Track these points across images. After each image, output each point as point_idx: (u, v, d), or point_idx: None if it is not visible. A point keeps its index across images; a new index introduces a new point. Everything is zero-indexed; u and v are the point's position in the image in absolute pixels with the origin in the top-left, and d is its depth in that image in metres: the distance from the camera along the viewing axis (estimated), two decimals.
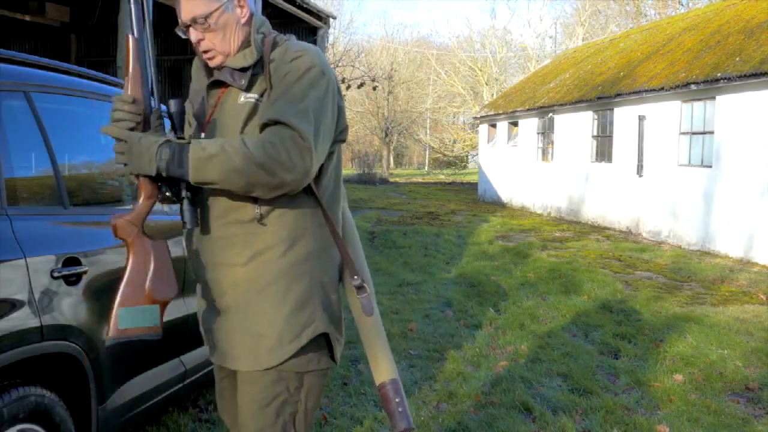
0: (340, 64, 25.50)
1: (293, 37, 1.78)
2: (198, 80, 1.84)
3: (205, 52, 1.73)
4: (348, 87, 22.52)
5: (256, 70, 1.72)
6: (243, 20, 1.73)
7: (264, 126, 1.62)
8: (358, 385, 4.08)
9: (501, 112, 19.06)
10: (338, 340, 1.82)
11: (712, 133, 10.34)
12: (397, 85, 38.30)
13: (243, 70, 1.71)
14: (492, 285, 7.17)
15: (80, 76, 2.93)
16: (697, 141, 10.84)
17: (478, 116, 21.69)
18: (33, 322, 2.10)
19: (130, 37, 1.62)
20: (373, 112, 39.17)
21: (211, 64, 1.75)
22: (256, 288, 1.70)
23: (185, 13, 1.70)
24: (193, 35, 1.71)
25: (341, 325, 1.84)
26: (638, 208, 12.38)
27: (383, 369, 1.82)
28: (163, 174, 1.57)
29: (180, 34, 1.74)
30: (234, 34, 1.71)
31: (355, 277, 1.80)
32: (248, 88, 1.71)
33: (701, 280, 7.84)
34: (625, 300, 6.51)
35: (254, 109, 1.68)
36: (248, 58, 1.70)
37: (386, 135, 38.71)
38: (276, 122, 1.59)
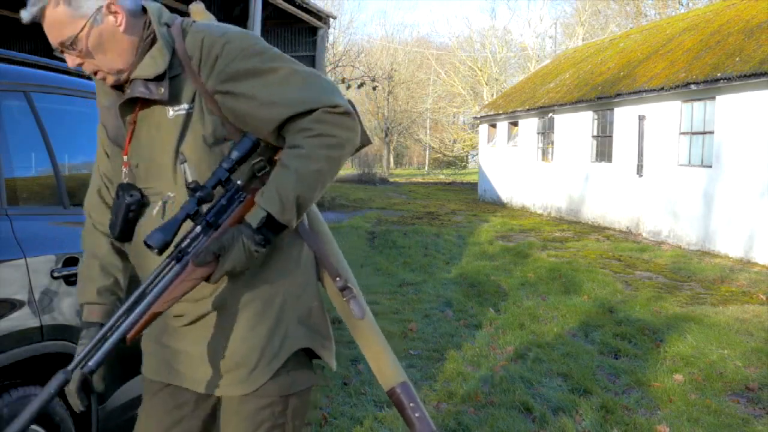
0: (340, 64, 25.51)
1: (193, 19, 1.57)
2: (105, 95, 1.56)
3: (94, 73, 1.47)
4: (348, 87, 22.54)
5: (175, 71, 1.46)
6: (121, 28, 1.42)
7: (283, 127, 1.45)
8: (358, 385, 4.08)
9: (501, 112, 19.06)
10: (325, 347, 1.66)
11: (712, 133, 10.35)
12: (397, 85, 38.32)
13: (158, 78, 1.44)
14: (492, 285, 7.17)
15: (80, 76, 2.93)
16: (697, 141, 10.84)
17: (478, 116, 21.69)
18: (33, 322, 2.10)
19: None
20: (373, 112, 39.19)
21: (106, 84, 1.50)
22: (226, 311, 1.54)
23: (51, 39, 1.42)
24: (70, 60, 1.44)
25: (326, 331, 1.67)
26: (638, 208, 12.38)
27: (388, 373, 1.68)
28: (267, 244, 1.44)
29: (58, 56, 1.51)
30: (116, 46, 1.43)
31: (337, 279, 1.65)
32: (173, 97, 1.45)
33: (701, 280, 7.84)
34: (625, 300, 6.51)
35: (187, 121, 1.46)
36: (159, 61, 1.43)
37: (386, 135, 38.73)
38: (294, 117, 1.43)
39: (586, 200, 14.38)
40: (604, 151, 13.85)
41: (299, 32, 16.56)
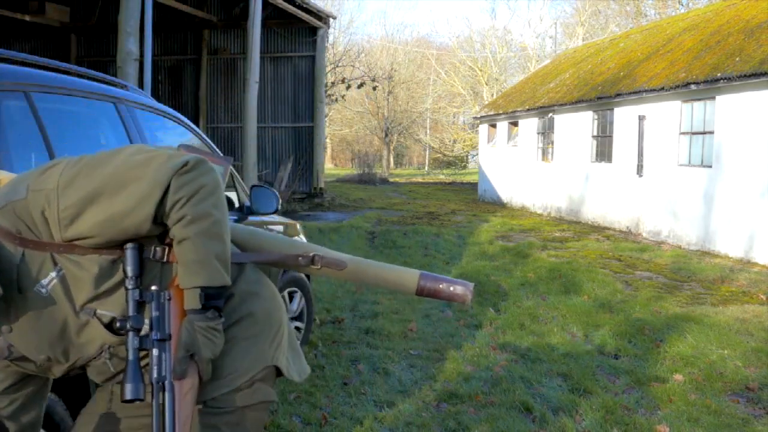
0: (340, 64, 25.51)
1: None
2: None
3: None
4: (348, 87, 22.54)
5: (13, 258, 1.36)
6: None
7: (156, 216, 1.38)
8: (358, 385, 4.08)
9: (501, 112, 19.06)
10: (286, 367, 1.66)
11: (712, 133, 10.34)
12: (397, 85, 38.31)
13: None
14: (492, 285, 7.17)
15: (80, 76, 2.93)
16: (697, 141, 10.84)
17: (478, 116, 21.69)
18: None
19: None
20: (373, 112, 39.19)
21: None
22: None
23: None
24: None
25: (284, 348, 1.68)
26: (638, 208, 12.38)
27: (404, 279, 1.74)
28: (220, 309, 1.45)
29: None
30: None
31: (300, 258, 1.68)
32: (32, 280, 1.37)
33: (701, 280, 7.84)
34: (625, 300, 6.51)
35: (65, 283, 1.40)
36: None
37: (386, 135, 38.73)
38: (157, 203, 1.37)
39: (586, 200, 14.38)
40: (604, 151, 13.85)
41: (299, 32, 16.57)
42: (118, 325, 1.38)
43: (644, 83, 11.99)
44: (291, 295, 4.48)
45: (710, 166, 10.35)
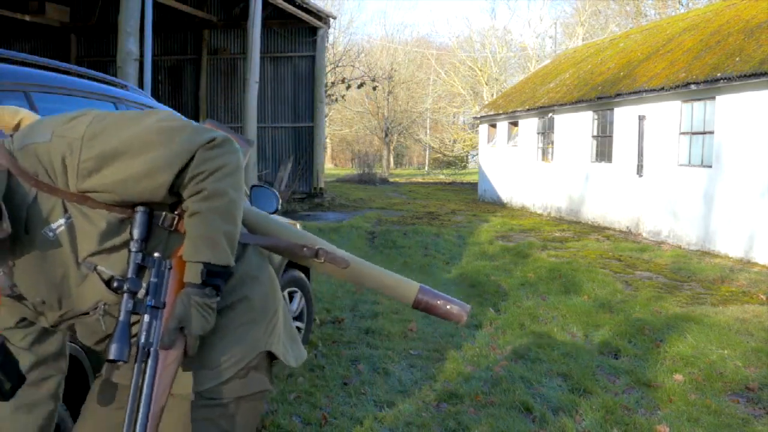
0: (340, 64, 25.51)
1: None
2: None
3: None
4: (348, 87, 22.54)
5: (25, 196, 1.36)
6: None
7: (174, 186, 1.39)
8: (358, 385, 4.08)
9: (501, 112, 19.06)
10: (283, 353, 1.64)
11: (712, 133, 10.35)
12: (397, 85, 38.30)
13: None
14: (492, 285, 7.17)
15: (80, 76, 2.93)
16: (697, 141, 10.84)
17: (478, 116, 21.69)
18: None
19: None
20: (373, 112, 39.18)
21: None
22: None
23: None
24: None
25: (280, 334, 1.66)
26: (638, 208, 12.38)
27: (402, 289, 1.73)
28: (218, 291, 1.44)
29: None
30: None
31: (305, 249, 1.67)
32: (41, 221, 1.39)
33: (701, 280, 7.84)
34: (625, 300, 6.51)
35: (72, 231, 1.41)
36: None
37: (386, 135, 38.72)
38: (179, 172, 1.37)
39: (586, 200, 14.39)
40: (604, 151, 13.85)
41: (299, 32, 16.57)
42: (115, 284, 1.39)
43: (644, 83, 11.99)
44: (291, 295, 4.48)
45: (710, 166, 10.35)
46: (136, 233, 1.39)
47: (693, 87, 10.37)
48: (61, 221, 1.37)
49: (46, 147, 1.34)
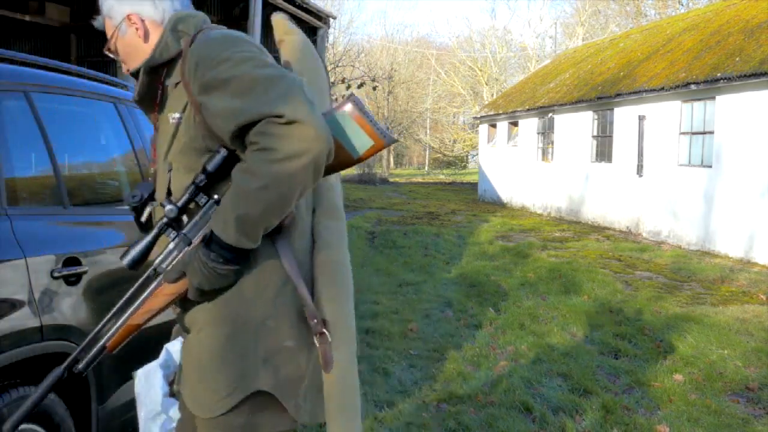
0: (340, 64, 25.51)
1: (223, 28, 1.54)
2: None
3: (134, 75, 1.59)
4: (348, 87, 22.55)
5: (176, 78, 1.52)
6: (140, 36, 1.56)
7: (237, 138, 1.40)
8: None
9: (501, 112, 19.06)
10: (294, 404, 1.49)
11: (712, 133, 10.34)
12: (397, 85, 38.29)
13: (134, 76, 1.57)
14: (492, 285, 7.17)
15: (80, 76, 2.93)
16: (697, 141, 10.84)
17: (478, 116, 21.69)
18: (33, 322, 2.10)
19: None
20: (374, 112, 39.14)
21: None
22: (195, 328, 1.52)
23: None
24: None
25: (300, 382, 1.51)
26: (638, 208, 12.38)
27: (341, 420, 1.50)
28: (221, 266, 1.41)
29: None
30: (135, 51, 1.57)
31: (314, 320, 1.48)
32: (174, 105, 1.51)
33: (701, 280, 7.84)
34: (625, 300, 6.51)
35: (176, 130, 1.50)
36: (140, 61, 1.55)
37: None
38: (242, 127, 1.36)
39: (586, 200, 14.38)
40: (604, 151, 13.85)
41: None
42: (165, 201, 1.47)
43: (644, 83, 11.99)
44: None
45: (710, 166, 10.35)
46: (208, 166, 1.44)
47: (693, 87, 10.36)
48: (176, 115, 1.50)
49: (197, 49, 1.45)
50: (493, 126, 20.51)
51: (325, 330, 1.49)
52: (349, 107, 1.45)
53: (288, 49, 1.68)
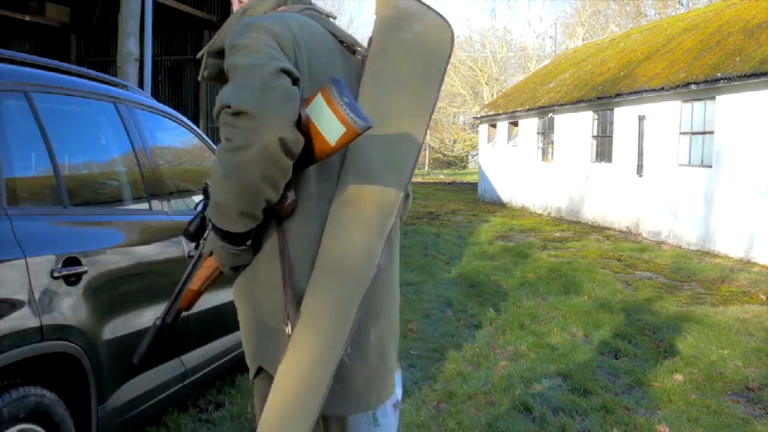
0: None
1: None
2: None
3: None
4: None
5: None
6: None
7: None
8: None
9: (501, 112, 19.06)
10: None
11: (712, 133, 10.34)
12: None
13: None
14: (492, 285, 7.17)
15: (80, 76, 2.93)
16: (697, 141, 10.84)
17: (478, 116, 21.69)
18: (33, 322, 2.10)
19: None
20: None
21: None
22: (235, 301, 1.70)
23: None
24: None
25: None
26: (638, 208, 12.38)
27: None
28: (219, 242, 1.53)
29: None
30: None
31: (286, 322, 1.49)
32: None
33: (701, 280, 7.84)
34: (625, 300, 6.51)
35: None
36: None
37: None
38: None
39: (586, 200, 14.38)
40: (604, 151, 13.85)
41: None
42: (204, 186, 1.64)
43: (644, 83, 11.99)
44: None
45: (710, 166, 10.35)
46: None
47: (693, 87, 10.36)
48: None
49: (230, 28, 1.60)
50: (493, 126, 20.51)
51: (287, 322, 1.49)
52: (322, 91, 1.40)
53: (375, 27, 1.71)
